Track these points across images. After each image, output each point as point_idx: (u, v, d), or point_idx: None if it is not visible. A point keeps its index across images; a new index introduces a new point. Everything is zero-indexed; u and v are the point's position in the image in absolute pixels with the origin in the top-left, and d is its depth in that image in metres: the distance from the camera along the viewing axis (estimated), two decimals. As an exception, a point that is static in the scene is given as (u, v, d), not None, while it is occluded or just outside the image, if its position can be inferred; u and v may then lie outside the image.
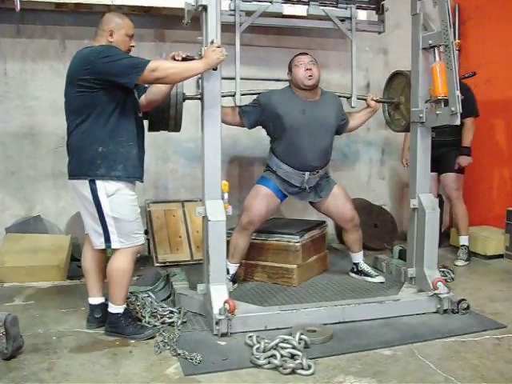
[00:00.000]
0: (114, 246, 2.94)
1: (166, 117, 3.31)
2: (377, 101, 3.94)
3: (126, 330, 2.98)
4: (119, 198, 2.91)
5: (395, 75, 3.98)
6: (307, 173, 3.66)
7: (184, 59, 3.03)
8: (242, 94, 3.70)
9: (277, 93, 3.71)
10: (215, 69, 3.05)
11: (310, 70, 3.59)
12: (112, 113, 2.87)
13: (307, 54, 3.70)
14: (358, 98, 3.95)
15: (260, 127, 3.78)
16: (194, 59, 3.05)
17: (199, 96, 3.26)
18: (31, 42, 4.58)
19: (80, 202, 2.98)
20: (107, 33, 2.92)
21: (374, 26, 4.01)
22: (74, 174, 2.94)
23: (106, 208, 2.88)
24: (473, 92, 4.53)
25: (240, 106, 3.68)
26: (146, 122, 3.31)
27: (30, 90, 4.61)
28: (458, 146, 4.66)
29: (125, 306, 3.04)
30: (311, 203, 3.91)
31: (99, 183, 2.86)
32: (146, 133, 3.20)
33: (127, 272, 2.98)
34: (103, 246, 2.97)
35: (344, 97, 3.95)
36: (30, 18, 4.51)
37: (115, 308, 3.00)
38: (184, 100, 3.36)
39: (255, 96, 3.76)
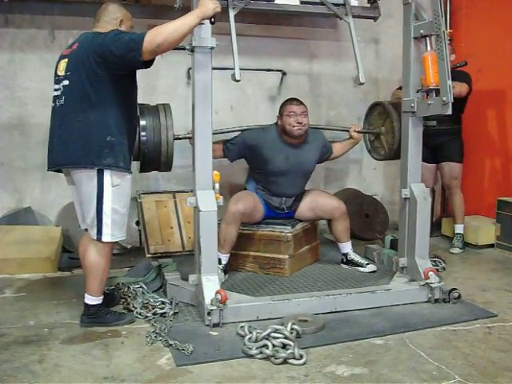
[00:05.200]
0: (104, 238, 2.88)
1: (157, 159, 3.33)
2: (359, 132, 4.09)
3: (108, 319, 3.00)
4: (121, 190, 2.88)
5: (375, 106, 4.14)
6: (284, 198, 3.87)
7: None
8: (218, 133, 3.75)
9: (262, 134, 3.81)
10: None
11: (301, 123, 3.68)
12: (121, 103, 2.85)
13: (300, 103, 3.75)
14: (341, 130, 4.17)
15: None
16: None
17: (190, 135, 3.33)
18: (20, 31, 4.52)
19: (77, 191, 2.93)
20: (117, 21, 2.93)
21: (369, 10, 3.95)
22: (78, 162, 2.83)
23: (108, 198, 2.83)
24: (470, 76, 4.49)
25: (225, 142, 3.81)
26: (137, 164, 3.34)
27: (19, 81, 4.56)
28: (458, 135, 4.66)
29: (102, 296, 3.03)
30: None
31: (106, 173, 2.82)
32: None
33: (104, 264, 2.95)
34: (94, 238, 2.91)
35: (329, 129, 4.26)
36: (19, 7, 4.45)
37: (94, 300, 2.99)
38: (174, 140, 3.36)
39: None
